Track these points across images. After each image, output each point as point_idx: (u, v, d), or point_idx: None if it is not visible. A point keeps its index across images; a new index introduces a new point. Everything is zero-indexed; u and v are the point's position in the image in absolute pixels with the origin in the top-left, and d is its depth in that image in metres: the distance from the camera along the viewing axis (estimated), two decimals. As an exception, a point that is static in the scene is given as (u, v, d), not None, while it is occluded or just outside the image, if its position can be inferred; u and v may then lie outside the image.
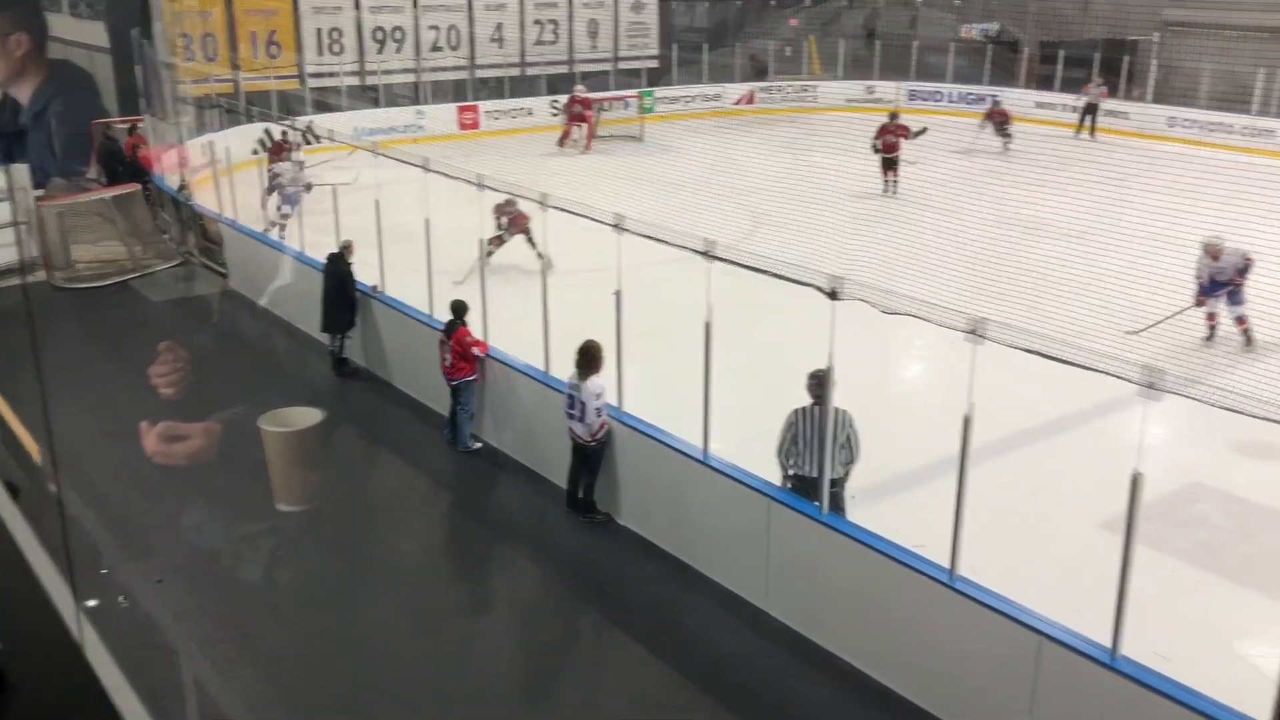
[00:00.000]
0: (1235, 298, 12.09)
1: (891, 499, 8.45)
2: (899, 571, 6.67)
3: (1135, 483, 5.52)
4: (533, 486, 9.57)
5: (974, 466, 6.40)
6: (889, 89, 29.63)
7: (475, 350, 9.95)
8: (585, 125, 24.64)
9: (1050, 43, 29.14)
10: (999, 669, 6.25)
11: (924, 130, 19.29)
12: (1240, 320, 12.08)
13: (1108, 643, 5.71)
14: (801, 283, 7.08)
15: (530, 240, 13.78)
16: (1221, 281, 12.10)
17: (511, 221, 14.07)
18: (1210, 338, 12.22)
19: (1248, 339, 12.09)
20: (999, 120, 23.88)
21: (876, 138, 19.25)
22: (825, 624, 7.29)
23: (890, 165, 19.13)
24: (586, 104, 24.78)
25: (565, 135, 24.69)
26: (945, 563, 6.44)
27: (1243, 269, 11.95)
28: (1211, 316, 12.17)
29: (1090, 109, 25.80)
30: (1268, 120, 24.28)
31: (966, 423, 6.21)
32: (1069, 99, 27.18)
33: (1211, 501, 8.94)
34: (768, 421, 7.73)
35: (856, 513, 7.64)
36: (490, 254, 12.57)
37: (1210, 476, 9.16)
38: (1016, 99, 28.13)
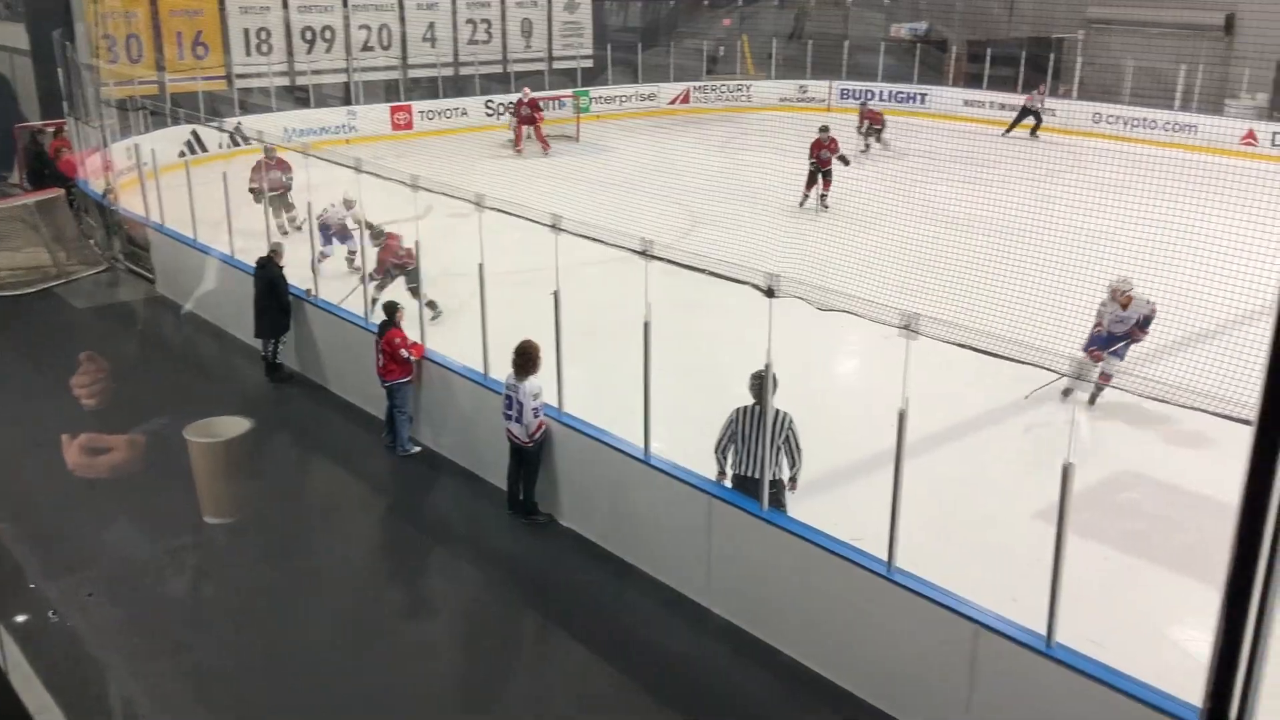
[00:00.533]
0: (1123, 352, 10.54)
1: (830, 493, 8.51)
2: (838, 565, 6.72)
3: (1066, 473, 5.61)
4: (472, 489, 9.49)
5: (910, 459, 6.47)
6: (821, 88, 29.92)
7: (404, 352, 9.83)
8: (535, 127, 24.49)
9: (978, 41, 29.61)
10: (937, 658, 6.32)
11: (848, 163, 19.11)
12: (1104, 377, 10.18)
13: (1043, 630, 5.80)
14: (739, 281, 7.11)
15: (410, 281, 11.88)
16: (1119, 334, 10.52)
17: (382, 252, 12.51)
18: (1093, 402, 10.46)
19: (1092, 399, 10.48)
20: (871, 121, 23.53)
21: (811, 156, 18.52)
22: (767, 619, 7.32)
23: (816, 179, 18.59)
24: (535, 105, 24.64)
25: (518, 138, 24.55)
26: (883, 555, 6.50)
27: (1146, 321, 10.47)
28: (1105, 376, 10.13)
29: (1031, 112, 25.65)
30: (1189, 115, 24.91)
31: (902, 417, 6.27)
32: (998, 96, 27.67)
33: (1141, 489, 9.13)
34: (708, 420, 7.74)
35: (795, 507, 7.69)
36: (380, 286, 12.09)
37: (1139, 465, 9.37)
38: (946, 97, 28.60)
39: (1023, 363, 5.99)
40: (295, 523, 9.22)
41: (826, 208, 18.45)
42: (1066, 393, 10.11)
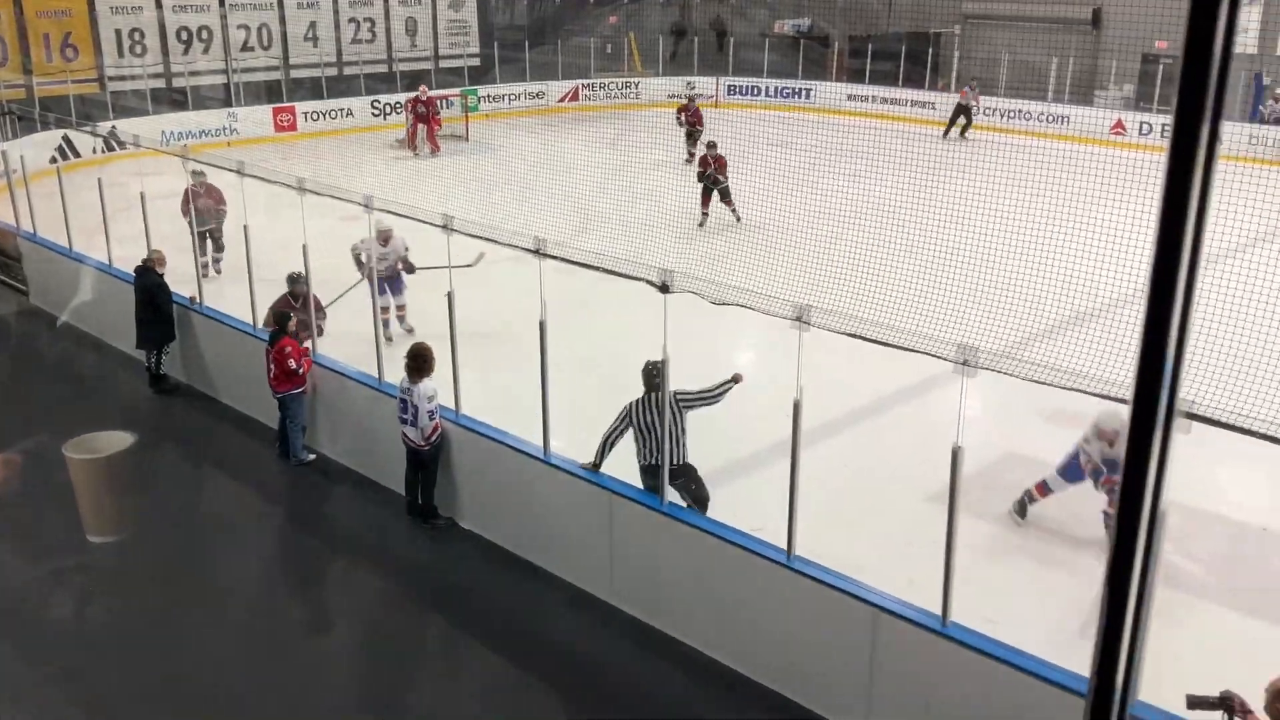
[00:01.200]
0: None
1: (730, 485, 8.60)
2: (738, 555, 6.81)
3: (955, 456, 5.78)
4: (371, 496, 9.34)
5: (807, 448, 6.59)
6: (709, 84, 30.20)
7: (293, 363, 9.54)
8: (430, 126, 24.13)
9: (859, 37, 30.25)
10: (838, 643, 6.45)
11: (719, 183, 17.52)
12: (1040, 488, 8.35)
13: (939, 610, 5.97)
14: (633, 277, 7.14)
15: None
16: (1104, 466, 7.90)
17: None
18: (1023, 514, 8.49)
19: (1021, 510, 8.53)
20: (692, 122, 22.45)
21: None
22: (672, 613, 7.37)
23: (711, 195, 17.34)
24: (432, 104, 24.30)
25: (412, 137, 24.16)
26: (783, 544, 6.60)
27: None
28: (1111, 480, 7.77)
29: (963, 110, 25.67)
30: (1061, 106, 25.85)
31: (796, 407, 6.37)
32: (881, 91, 28.32)
33: (1025, 469, 9.45)
34: (608, 418, 7.75)
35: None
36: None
37: (1023, 446, 9.69)
38: (830, 92, 29.15)
39: (912, 350, 6.14)
40: (187, 539, 8.94)
41: (739, 219, 17.23)
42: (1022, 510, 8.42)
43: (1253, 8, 24.50)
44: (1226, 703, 4.62)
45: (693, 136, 22.29)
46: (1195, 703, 4.70)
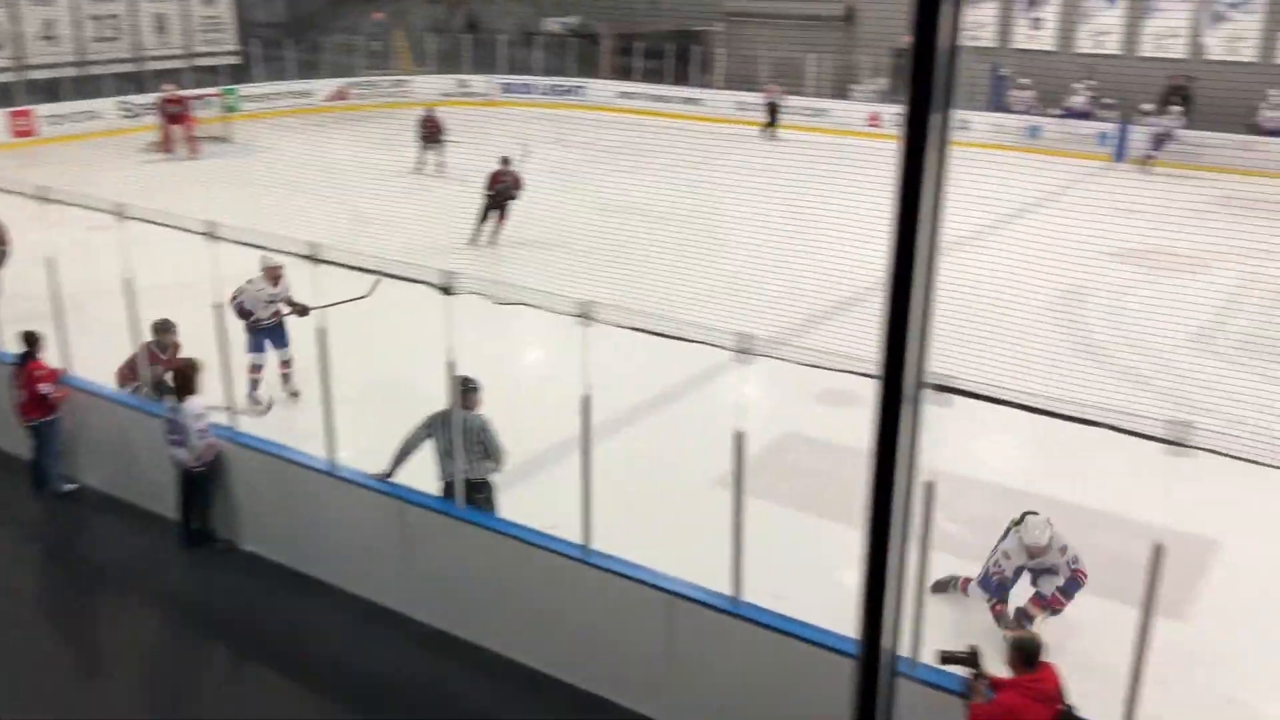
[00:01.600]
0: (1070, 588, 6.96)
1: (523, 485, 8.58)
2: (535, 555, 6.80)
3: (738, 440, 5.96)
4: (140, 524, 8.77)
5: (598, 443, 6.65)
6: (481, 82, 30.00)
7: (45, 388, 8.84)
8: (183, 126, 22.78)
9: (625, 34, 30.74)
10: (636, 632, 6.55)
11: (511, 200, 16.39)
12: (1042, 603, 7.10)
13: (730, 591, 6.15)
14: (415, 280, 6.99)
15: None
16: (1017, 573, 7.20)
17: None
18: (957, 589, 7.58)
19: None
20: (429, 132, 21.37)
21: (490, 188, 16.23)
22: (472, 619, 7.29)
23: (488, 214, 16.31)
24: (181, 103, 22.93)
25: (165, 140, 22.75)
26: (579, 539, 6.64)
27: (1072, 585, 6.93)
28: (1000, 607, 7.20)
29: (772, 108, 26.11)
30: (821, 101, 27.09)
31: (585, 403, 6.42)
32: (651, 88, 28.89)
33: (803, 449, 9.88)
34: (395, 424, 7.57)
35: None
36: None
37: (800, 426, 10.12)
38: (602, 90, 29.51)
39: (693, 341, 6.29)
40: (-70, 586, 8.15)
41: (496, 244, 16.24)
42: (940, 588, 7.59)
43: (986, 4, 26.44)
44: (974, 657, 4.95)
45: (431, 146, 21.22)
46: (947, 658, 5.02)
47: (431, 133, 21.33)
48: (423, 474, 7.47)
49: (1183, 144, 22.38)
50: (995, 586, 7.15)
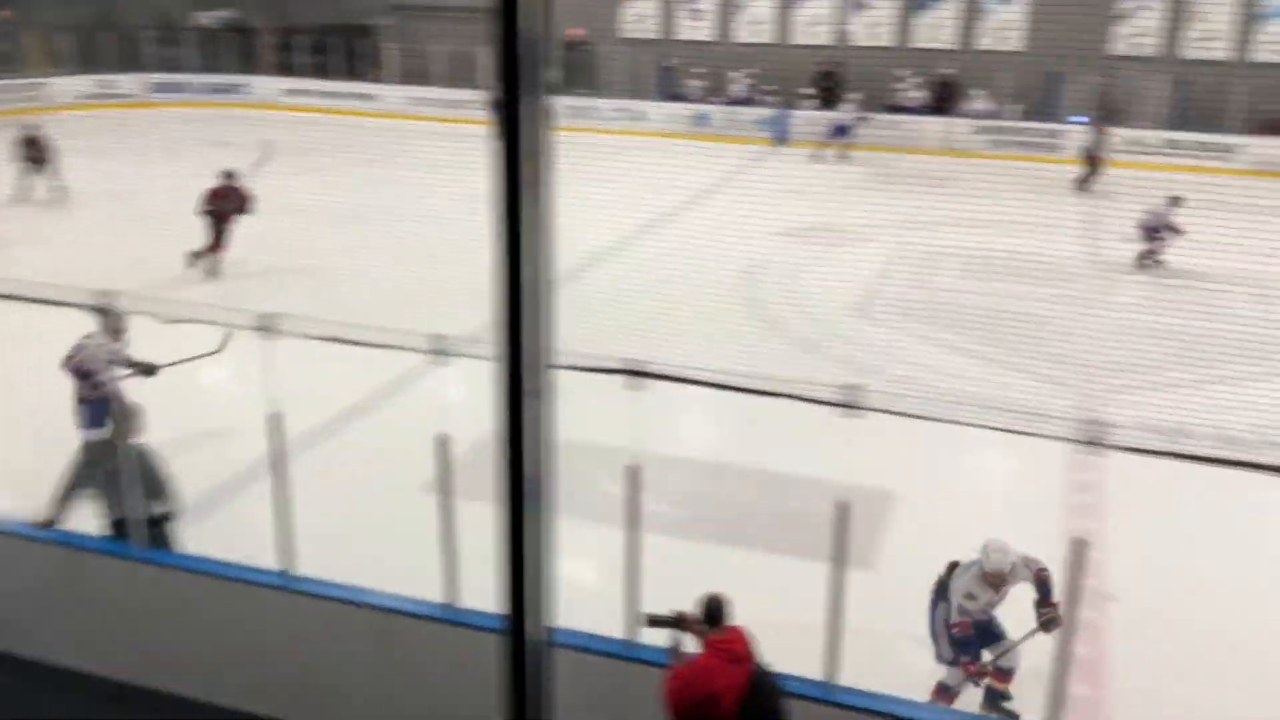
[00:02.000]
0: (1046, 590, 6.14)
1: (215, 515, 8.03)
2: (233, 588, 6.34)
3: (441, 444, 5.82)
4: None
5: (296, 458, 6.29)
6: (131, 82, 27.79)
7: None
8: None
9: (285, 29, 29.45)
10: (350, 653, 6.26)
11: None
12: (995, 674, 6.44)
13: (447, 599, 6.01)
14: (63, 304, 6.33)
15: None
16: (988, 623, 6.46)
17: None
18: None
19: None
20: (32, 154, 18.33)
21: (209, 206, 13.90)
22: (163, 666, 6.70)
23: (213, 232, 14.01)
24: None
25: None
26: (278, 565, 6.27)
27: (1044, 589, 6.13)
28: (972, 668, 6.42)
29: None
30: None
31: (273, 420, 6.05)
32: (320, 84, 27.82)
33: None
34: (45, 467, 6.83)
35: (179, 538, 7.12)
36: None
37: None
38: (267, 87, 28.12)
39: (385, 346, 6.09)
40: None
41: (216, 274, 13.90)
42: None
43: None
44: (680, 620, 5.11)
45: (36, 168, 18.53)
46: (653, 620, 5.15)
47: (35, 154, 18.49)
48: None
49: (836, 124, 24.20)
50: (962, 644, 6.34)
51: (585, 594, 7.20)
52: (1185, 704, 6.31)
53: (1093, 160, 20.28)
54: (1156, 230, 14.57)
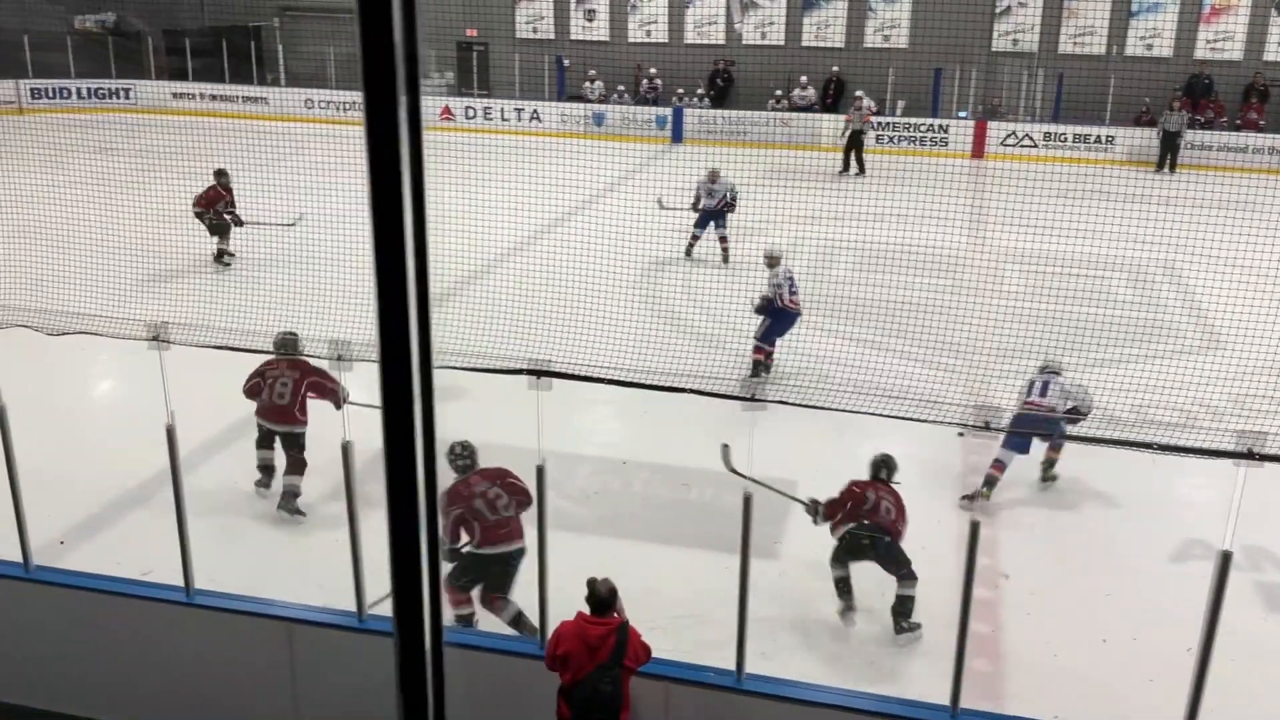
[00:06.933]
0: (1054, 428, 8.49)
1: (109, 530, 7.81)
2: (130, 605, 6.19)
3: (345, 450, 5.77)
4: None
5: (190, 472, 6.18)
6: (7, 89, 26.71)
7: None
8: None
9: (174, 31, 28.63)
10: (257, 665, 6.17)
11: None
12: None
13: (352, 608, 5.96)
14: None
15: None
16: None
17: None
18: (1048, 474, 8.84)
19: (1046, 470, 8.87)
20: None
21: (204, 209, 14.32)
22: (57, 689, 6.49)
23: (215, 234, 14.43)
24: None
25: None
26: (179, 580, 6.14)
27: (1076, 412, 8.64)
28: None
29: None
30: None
31: (170, 432, 5.93)
32: (207, 87, 27.14)
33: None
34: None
35: (68, 557, 6.93)
36: None
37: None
38: (152, 91, 27.30)
39: (257, 351, 6.02)
40: None
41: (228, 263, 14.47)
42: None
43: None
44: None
45: None
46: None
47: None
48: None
49: (728, 122, 24.49)
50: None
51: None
52: (1075, 674, 6.59)
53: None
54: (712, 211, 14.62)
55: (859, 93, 22.86)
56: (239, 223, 14.27)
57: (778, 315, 10.55)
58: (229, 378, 7.92)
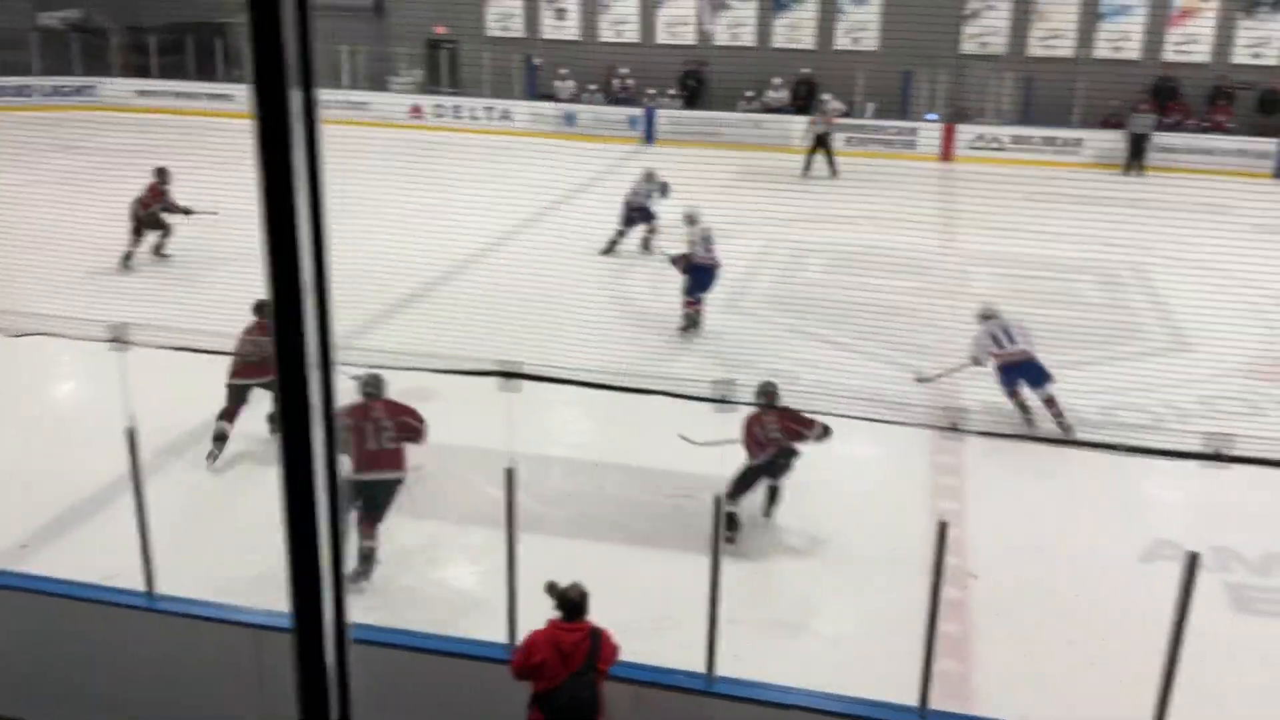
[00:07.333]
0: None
1: (71, 535, 7.69)
2: (90, 610, 6.09)
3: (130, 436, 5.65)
4: None
5: (153, 475, 6.08)
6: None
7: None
8: None
9: (136, 28, 28.29)
10: (223, 671, 6.08)
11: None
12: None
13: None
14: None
15: None
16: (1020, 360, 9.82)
17: None
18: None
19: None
20: None
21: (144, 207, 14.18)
22: (18, 694, 6.38)
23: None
24: None
25: None
26: (141, 585, 6.04)
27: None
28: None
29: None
30: (360, 94, 26.50)
31: (131, 434, 5.83)
32: (174, 85, 26.90)
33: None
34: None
35: (32, 560, 6.80)
36: None
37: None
38: (117, 89, 27.02)
39: (218, 352, 5.94)
40: None
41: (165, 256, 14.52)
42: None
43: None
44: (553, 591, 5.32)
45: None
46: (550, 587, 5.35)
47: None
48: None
49: (700, 123, 24.50)
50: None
51: (467, 598, 7.18)
52: (1044, 675, 6.62)
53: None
54: (641, 209, 14.71)
55: (825, 95, 22.92)
56: (178, 210, 14.22)
57: (696, 270, 11.84)
58: (194, 379, 7.83)
